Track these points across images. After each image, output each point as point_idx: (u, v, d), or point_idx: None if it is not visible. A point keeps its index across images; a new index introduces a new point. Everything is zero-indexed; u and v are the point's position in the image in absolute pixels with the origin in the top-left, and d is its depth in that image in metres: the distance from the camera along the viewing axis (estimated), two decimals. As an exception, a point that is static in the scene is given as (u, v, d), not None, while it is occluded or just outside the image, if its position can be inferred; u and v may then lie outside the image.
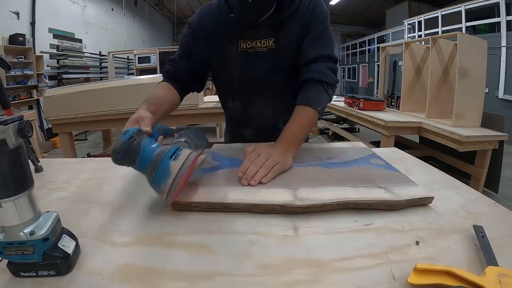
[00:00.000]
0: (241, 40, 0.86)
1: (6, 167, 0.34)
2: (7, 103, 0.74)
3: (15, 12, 4.58)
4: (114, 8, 7.99)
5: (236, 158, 0.74)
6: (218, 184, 0.59)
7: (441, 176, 0.72)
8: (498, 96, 4.87)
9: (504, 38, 4.83)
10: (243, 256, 0.41)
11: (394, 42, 7.68)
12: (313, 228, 0.48)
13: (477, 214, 0.53)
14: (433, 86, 2.61)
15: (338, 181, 0.60)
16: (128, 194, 0.62)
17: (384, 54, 3.47)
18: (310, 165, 0.70)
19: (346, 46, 13.28)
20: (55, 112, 2.36)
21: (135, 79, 2.75)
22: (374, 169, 0.68)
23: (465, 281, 0.33)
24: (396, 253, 0.41)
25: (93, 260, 0.41)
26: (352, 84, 12.57)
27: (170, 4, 11.00)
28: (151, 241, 0.45)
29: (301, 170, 0.68)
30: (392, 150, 0.97)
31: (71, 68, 5.85)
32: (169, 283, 0.36)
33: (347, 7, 11.99)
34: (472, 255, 0.41)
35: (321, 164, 0.71)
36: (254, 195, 0.54)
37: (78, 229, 0.47)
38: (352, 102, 3.23)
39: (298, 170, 0.68)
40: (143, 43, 9.87)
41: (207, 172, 0.66)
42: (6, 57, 4.14)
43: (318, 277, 0.37)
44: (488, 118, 2.41)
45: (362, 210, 0.53)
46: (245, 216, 0.52)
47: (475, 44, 2.45)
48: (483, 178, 2.39)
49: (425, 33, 6.77)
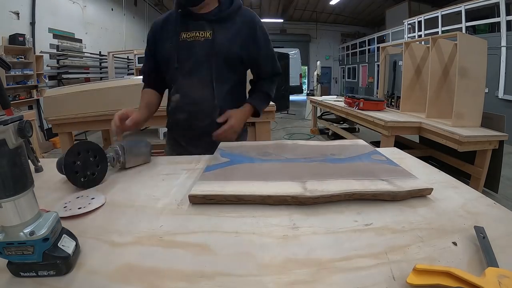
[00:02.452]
0: (183, 32, 0.99)
1: (6, 167, 0.34)
2: (7, 103, 0.74)
3: (15, 12, 4.58)
4: (114, 8, 7.99)
5: (244, 155, 0.78)
6: (230, 178, 0.62)
7: (441, 176, 0.72)
8: (498, 96, 4.88)
9: (504, 38, 4.83)
10: (243, 256, 0.41)
11: (394, 42, 7.69)
12: (313, 228, 0.48)
13: (477, 214, 0.53)
14: (433, 86, 2.61)
15: (343, 175, 0.63)
16: (128, 194, 0.62)
17: (384, 54, 3.47)
18: (315, 161, 0.73)
19: (346, 46, 13.28)
20: (55, 112, 2.35)
21: (135, 79, 2.75)
22: (377, 164, 0.71)
23: (464, 282, 0.33)
24: (396, 253, 0.41)
25: (93, 260, 0.41)
26: (352, 84, 12.57)
27: (170, 4, 11.00)
28: (151, 241, 0.45)
29: (307, 165, 0.71)
30: (392, 150, 0.97)
31: (71, 68, 5.84)
32: (169, 283, 0.36)
33: (347, 7, 12.01)
34: (472, 255, 0.41)
35: (326, 160, 0.74)
36: (266, 188, 0.57)
37: (78, 229, 0.47)
38: (352, 102, 3.23)
39: (305, 165, 0.71)
40: (143, 43, 9.82)
41: (217, 168, 0.68)
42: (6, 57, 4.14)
43: (318, 277, 0.37)
44: (488, 118, 2.41)
45: (362, 209, 0.53)
46: (245, 216, 0.52)
47: (475, 44, 2.45)
48: (483, 178, 2.39)
49: (425, 33, 6.77)
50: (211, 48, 0.97)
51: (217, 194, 0.55)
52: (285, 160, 0.75)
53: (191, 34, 0.98)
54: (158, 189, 0.64)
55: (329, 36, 14.44)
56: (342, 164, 0.71)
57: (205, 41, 0.97)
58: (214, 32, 0.97)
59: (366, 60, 11.29)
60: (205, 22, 0.98)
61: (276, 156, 0.78)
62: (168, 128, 1.14)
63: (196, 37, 0.98)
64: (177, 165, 0.81)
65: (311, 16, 13.37)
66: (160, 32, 1.02)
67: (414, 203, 0.57)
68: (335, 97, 5.01)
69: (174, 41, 0.99)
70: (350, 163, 0.72)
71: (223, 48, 0.97)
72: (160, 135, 5.29)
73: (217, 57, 0.98)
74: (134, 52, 6.00)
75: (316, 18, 13.59)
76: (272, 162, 0.73)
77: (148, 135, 5.55)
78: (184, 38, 0.98)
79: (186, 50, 0.98)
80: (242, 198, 0.55)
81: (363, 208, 0.54)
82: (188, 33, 0.98)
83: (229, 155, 0.77)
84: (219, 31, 0.97)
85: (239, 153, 0.80)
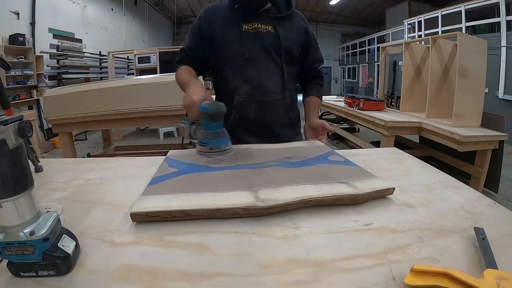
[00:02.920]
0: (244, 23, 0.99)
1: (6, 167, 0.34)
2: (7, 103, 0.74)
3: (15, 12, 4.58)
4: (114, 8, 7.99)
5: (193, 164, 0.72)
6: (177, 191, 0.56)
7: (441, 176, 0.72)
8: (498, 96, 4.87)
9: (504, 38, 4.83)
10: (243, 256, 0.41)
11: (394, 42, 7.69)
12: (313, 228, 0.48)
13: (477, 214, 0.53)
14: (433, 86, 2.61)
15: (299, 180, 0.60)
16: (128, 194, 0.62)
17: (384, 54, 3.47)
18: (269, 166, 0.70)
19: (346, 46, 13.28)
20: (55, 112, 2.35)
21: (135, 79, 2.76)
22: (334, 166, 0.69)
23: (462, 283, 0.33)
24: (396, 253, 0.41)
25: (93, 260, 0.41)
26: (352, 84, 12.57)
27: (170, 4, 11.00)
28: (151, 241, 0.45)
29: (260, 171, 0.67)
30: (392, 150, 0.97)
31: (71, 68, 5.84)
32: (169, 283, 0.36)
33: (347, 7, 12.01)
34: (472, 255, 0.41)
35: (281, 164, 0.71)
36: (215, 200, 0.52)
37: (78, 229, 0.47)
38: (352, 102, 3.23)
39: (257, 171, 0.67)
40: (143, 43, 9.86)
41: (164, 180, 0.62)
42: (6, 57, 4.14)
43: (318, 277, 0.37)
44: (488, 118, 2.42)
45: (362, 209, 0.53)
46: (245, 216, 0.52)
47: (475, 44, 2.45)
48: (483, 178, 2.39)
49: (425, 33, 6.77)
50: (277, 40, 0.99)
51: (161, 211, 0.49)
52: (236, 167, 0.70)
53: (253, 26, 0.98)
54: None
55: (329, 36, 14.44)
56: (297, 169, 0.68)
57: (268, 33, 0.99)
58: (275, 29, 0.99)
59: (366, 60, 11.28)
60: (267, 18, 0.99)
61: (227, 163, 0.73)
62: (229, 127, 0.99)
63: (258, 28, 0.98)
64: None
65: (311, 16, 13.36)
66: (216, 19, 1.01)
67: (414, 203, 0.57)
68: (335, 97, 5.01)
69: (235, 32, 0.98)
70: (306, 167, 0.69)
71: (287, 40, 1.00)
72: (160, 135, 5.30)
73: (283, 49, 1.00)
74: (134, 52, 5.99)
75: (316, 18, 13.59)
76: (223, 170, 0.68)
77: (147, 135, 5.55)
78: (246, 29, 0.98)
79: (252, 41, 0.98)
80: (189, 213, 0.50)
81: (363, 208, 0.54)
82: (250, 25, 0.98)
83: (177, 164, 0.72)
84: (279, 28, 0.99)
85: (188, 162, 0.74)
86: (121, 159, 0.89)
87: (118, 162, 0.85)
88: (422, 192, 0.62)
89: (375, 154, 0.93)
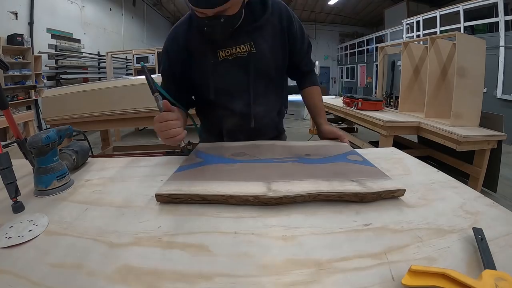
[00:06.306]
0: (219, 50, 0.87)
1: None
2: (5, 103, 0.73)
3: (13, 12, 4.57)
4: (112, 8, 7.98)
5: (219, 156, 0.77)
6: (199, 178, 0.62)
7: (439, 176, 0.72)
8: (496, 96, 4.89)
9: (503, 38, 4.84)
10: (243, 256, 0.41)
11: (392, 42, 7.70)
12: (313, 228, 0.48)
13: (476, 214, 0.53)
14: (431, 86, 2.61)
15: (312, 175, 0.62)
16: (127, 194, 0.62)
17: (382, 54, 3.47)
18: (287, 161, 0.72)
19: (345, 46, 13.31)
20: (53, 113, 2.35)
21: (133, 79, 2.75)
22: (350, 165, 0.70)
23: (460, 284, 0.33)
24: (395, 253, 0.41)
25: (92, 260, 0.41)
26: (350, 84, 12.59)
27: (168, 4, 10.99)
28: (150, 242, 0.45)
29: (278, 165, 0.70)
30: (391, 150, 0.97)
31: (69, 68, 5.84)
32: (168, 284, 0.36)
33: (346, 7, 12.03)
34: (471, 255, 0.41)
35: (299, 160, 0.73)
36: (230, 188, 0.57)
37: (78, 230, 0.47)
38: (351, 102, 3.23)
39: (275, 165, 0.70)
40: (142, 43, 9.85)
41: (189, 168, 0.69)
42: (4, 57, 4.12)
43: (317, 277, 0.37)
44: (486, 118, 2.42)
45: (361, 209, 0.53)
46: (243, 217, 0.52)
47: (473, 44, 2.46)
48: (481, 177, 2.39)
49: (423, 33, 6.79)
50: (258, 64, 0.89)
51: (182, 194, 0.56)
52: (257, 160, 0.74)
53: (231, 51, 0.87)
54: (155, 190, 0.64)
55: (328, 36, 14.47)
56: (314, 165, 0.70)
57: (249, 56, 0.88)
58: (255, 43, 0.87)
59: (364, 60, 11.31)
60: (242, 34, 0.86)
61: (250, 156, 0.77)
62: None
63: (238, 53, 0.87)
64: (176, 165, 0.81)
65: (309, 16, 13.38)
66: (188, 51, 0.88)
67: (412, 203, 0.57)
68: (333, 97, 5.01)
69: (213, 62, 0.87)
70: (323, 164, 0.70)
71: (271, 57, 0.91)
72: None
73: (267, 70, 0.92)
74: (132, 52, 5.98)
75: (314, 18, 13.60)
76: (244, 163, 0.72)
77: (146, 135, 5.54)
78: (224, 56, 0.87)
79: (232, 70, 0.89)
80: (206, 198, 0.55)
81: (362, 208, 0.54)
82: (227, 50, 0.87)
83: (204, 156, 0.78)
84: (259, 40, 0.88)
85: (214, 154, 0.80)
86: (120, 159, 0.88)
87: (117, 162, 0.85)
88: (421, 192, 0.62)
89: (374, 154, 0.93)
